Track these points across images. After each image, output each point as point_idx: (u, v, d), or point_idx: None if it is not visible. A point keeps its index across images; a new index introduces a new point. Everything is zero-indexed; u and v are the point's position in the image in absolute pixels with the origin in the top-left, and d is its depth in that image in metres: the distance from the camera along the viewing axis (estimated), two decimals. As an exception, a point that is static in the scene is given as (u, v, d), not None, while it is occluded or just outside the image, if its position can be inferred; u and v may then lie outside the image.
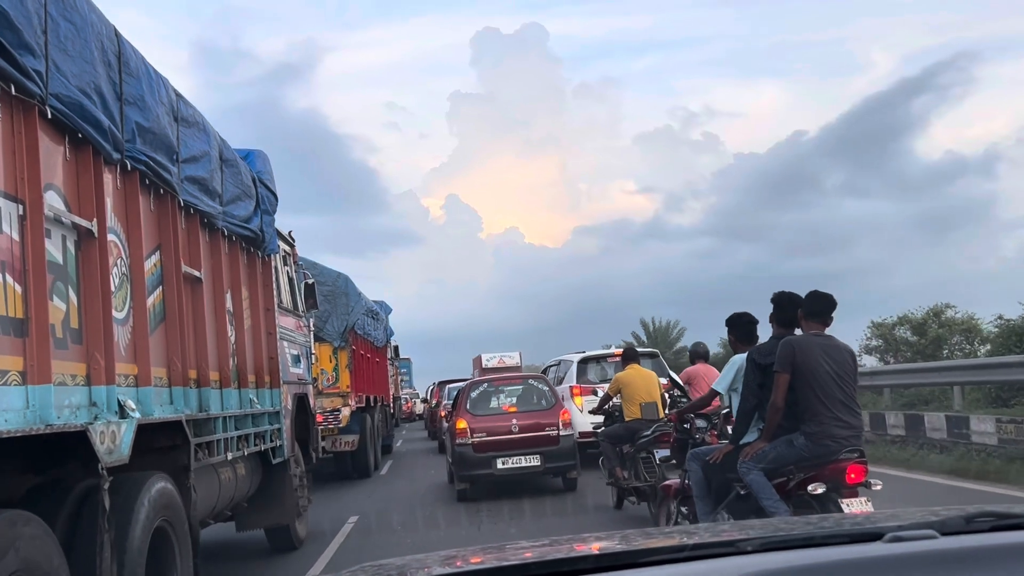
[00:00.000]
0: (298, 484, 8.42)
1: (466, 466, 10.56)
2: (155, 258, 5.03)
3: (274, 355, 7.74)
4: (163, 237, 5.15)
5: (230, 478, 6.54)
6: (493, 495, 10.80)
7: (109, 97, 4.25)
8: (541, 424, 10.66)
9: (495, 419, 10.85)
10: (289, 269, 9.06)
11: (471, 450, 10.54)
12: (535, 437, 10.53)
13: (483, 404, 11.27)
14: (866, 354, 21.36)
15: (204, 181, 5.79)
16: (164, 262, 5.14)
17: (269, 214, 7.57)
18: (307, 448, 9.13)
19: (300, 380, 8.81)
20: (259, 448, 6.93)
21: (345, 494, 12.17)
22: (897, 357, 20.41)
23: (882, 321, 21.63)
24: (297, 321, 9.11)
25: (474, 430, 10.62)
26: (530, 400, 11.27)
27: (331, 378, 12.87)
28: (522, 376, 13.03)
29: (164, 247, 5.15)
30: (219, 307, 6.23)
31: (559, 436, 10.58)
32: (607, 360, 13.97)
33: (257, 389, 7.18)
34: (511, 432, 10.57)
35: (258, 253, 7.44)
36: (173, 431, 5.07)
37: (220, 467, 6.27)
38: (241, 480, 6.89)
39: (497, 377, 13.18)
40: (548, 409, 10.94)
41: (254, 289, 7.31)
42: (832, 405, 4.91)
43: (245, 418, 6.65)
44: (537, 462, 10.47)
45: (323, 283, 12.43)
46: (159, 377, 4.93)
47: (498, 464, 10.45)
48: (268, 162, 7.82)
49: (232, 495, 6.67)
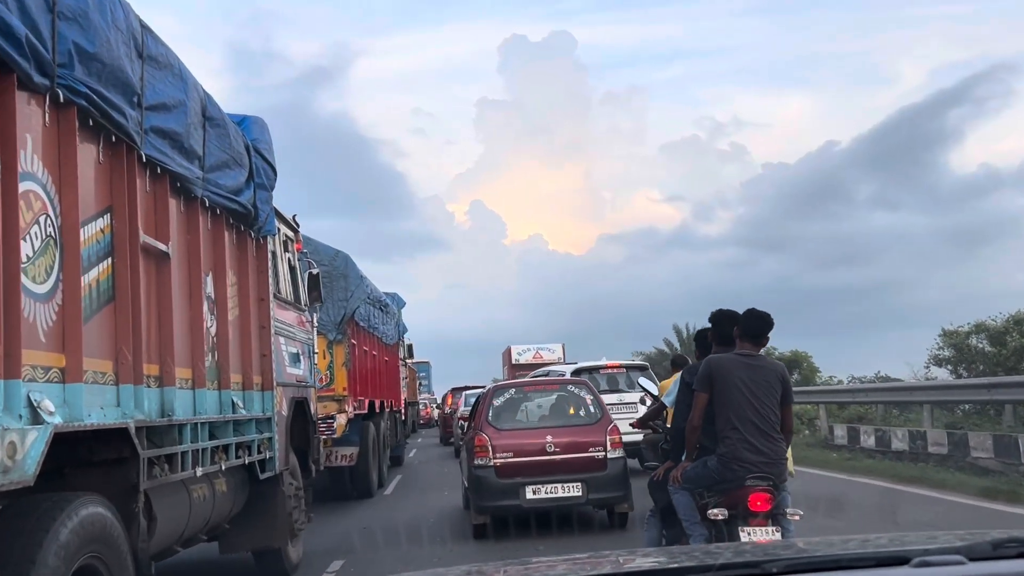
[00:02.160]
0: (293, 502, 7.36)
1: (486, 494, 8.31)
2: (102, 222, 4.00)
3: (267, 352, 6.70)
4: (116, 198, 4.11)
5: (205, 496, 5.49)
6: (520, 532, 8.37)
7: (31, 2, 3.22)
8: (584, 443, 8.40)
9: (524, 435, 8.61)
10: (291, 256, 8.02)
11: (493, 474, 8.26)
12: (576, 460, 8.30)
13: (509, 415, 8.95)
14: (935, 365, 19.89)
15: (177, 136, 4.76)
16: (116, 228, 4.10)
17: (265, 189, 6.54)
18: (306, 460, 8.07)
19: (299, 382, 7.76)
20: (242, 460, 5.88)
21: (336, 522, 10.07)
22: (971, 370, 18.86)
23: (955, 329, 19.87)
24: (299, 316, 8.06)
25: (497, 448, 8.35)
26: (569, 412, 8.97)
27: (324, 378, 11.05)
28: (559, 381, 10.39)
29: (117, 210, 4.11)
30: (195, 291, 5.19)
31: (606, 459, 8.32)
32: (599, 372, 13.51)
33: (244, 391, 6.14)
34: (545, 453, 8.32)
35: (250, 233, 6.41)
36: (121, 441, 4.03)
37: (193, 484, 5.23)
38: (221, 499, 5.84)
39: (527, 381, 10.90)
40: (593, 424, 8.64)
41: (244, 274, 6.28)
42: (744, 428, 4.75)
43: (225, 425, 5.61)
44: (578, 492, 8.21)
45: (318, 263, 10.63)
46: (101, 372, 3.89)
47: (527, 493, 8.19)
48: (267, 130, 6.79)
49: (208, 516, 5.62)
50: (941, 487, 9.96)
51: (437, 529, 9.30)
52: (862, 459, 12.75)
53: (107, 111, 3.86)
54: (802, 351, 29.45)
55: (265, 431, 6.52)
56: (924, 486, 9.92)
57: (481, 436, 8.55)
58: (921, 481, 10.11)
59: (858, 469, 11.93)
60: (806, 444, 15.90)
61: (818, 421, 18.24)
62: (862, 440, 14.07)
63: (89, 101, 3.70)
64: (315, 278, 8.47)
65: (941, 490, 9.79)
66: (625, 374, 13.96)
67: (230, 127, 5.79)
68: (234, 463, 5.74)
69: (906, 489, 9.98)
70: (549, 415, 9.10)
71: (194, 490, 5.30)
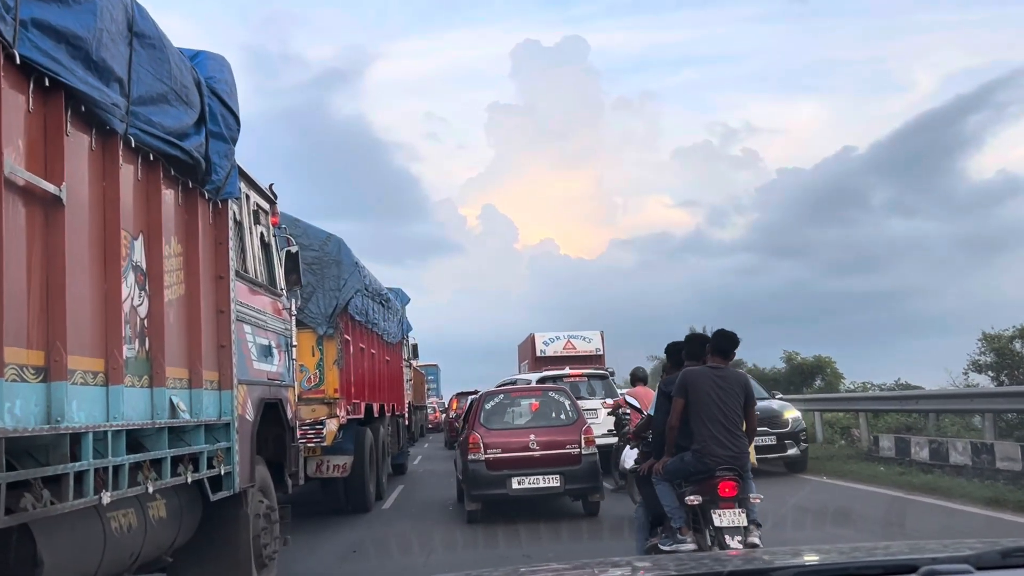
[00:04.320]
0: (262, 523, 6.10)
1: (478, 485, 9.66)
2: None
3: (227, 342, 5.43)
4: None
5: (132, 526, 4.22)
6: (510, 527, 9.10)
7: None
8: (561, 441, 9.76)
9: (511, 434, 9.96)
10: (264, 230, 6.76)
11: (484, 467, 9.64)
12: (555, 455, 9.65)
13: (498, 417, 10.30)
14: (974, 372, 18.65)
15: (76, 41, 3.49)
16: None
17: (224, 140, 5.27)
18: (282, 473, 6.80)
19: (271, 380, 6.49)
20: (183, 479, 4.60)
21: (324, 542, 8.86)
22: (1013, 376, 17.46)
23: (997, 333, 18.54)
24: (273, 301, 6.79)
25: (488, 445, 9.72)
26: (550, 414, 10.33)
27: (313, 378, 9.57)
28: (542, 388, 11.74)
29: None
30: (111, 256, 3.92)
31: (581, 455, 9.68)
32: (563, 381, 14.10)
33: (191, 390, 4.87)
34: (528, 449, 9.68)
35: (204, 193, 5.14)
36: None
37: (113, 510, 3.97)
38: (157, 527, 4.58)
39: (514, 388, 12.05)
40: (570, 425, 10.02)
41: (193, 244, 5.01)
42: (714, 428, 5.65)
43: (158, 433, 4.34)
44: (556, 483, 9.60)
45: (307, 247, 9.39)
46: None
47: (513, 484, 9.56)
48: (228, 69, 5.53)
49: (136, 551, 4.34)
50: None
51: (438, 551, 8.32)
52: (917, 474, 11.33)
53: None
54: (825, 356, 28.03)
55: (221, 440, 5.25)
56: (1010, 510, 8.50)
57: (474, 435, 9.85)
58: (1001, 503, 8.70)
59: (916, 486, 10.50)
60: (846, 456, 14.49)
61: (855, 430, 16.82)
62: (913, 452, 12.65)
63: None
64: (294, 257, 7.19)
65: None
66: (587, 382, 15.20)
67: (171, 52, 4.52)
68: (172, 482, 4.47)
69: (987, 513, 8.60)
70: (532, 417, 10.33)
71: (113, 519, 4.03)
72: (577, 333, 23.04)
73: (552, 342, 22.62)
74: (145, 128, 4.21)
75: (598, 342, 23.19)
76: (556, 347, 22.60)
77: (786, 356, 26.43)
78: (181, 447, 4.66)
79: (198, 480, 4.87)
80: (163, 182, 4.56)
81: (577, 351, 22.58)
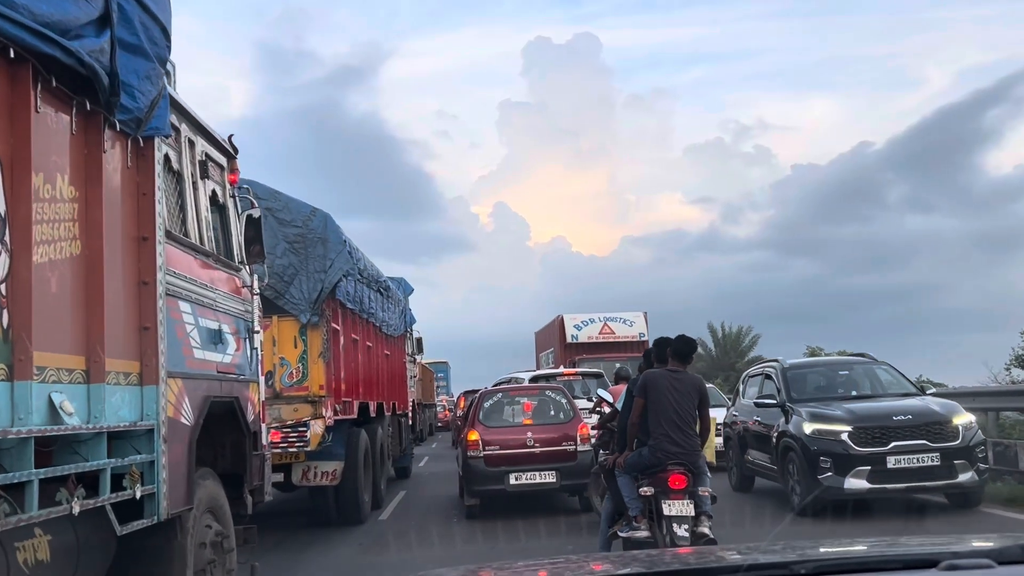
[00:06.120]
0: (209, 554, 4.82)
1: (477, 480, 9.89)
2: None
3: (151, 324, 4.14)
4: None
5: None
6: (509, 523, 9.19)
7: None
8: (558, 438, 10.04)
9: (509, 432, 10.20)
10: (218, 188, 5.46)
11: (483, 464, 9.88)
12: (551, 452, 9.92)
13: (496, 415, 10.58)
14: (1016, 367, 17.53)
15: None
16: None
17: (143, 56, 3.95)
18: (241, 489, 5.52)
19: (223, 374, 5.19)
20: (67, 509, 3.31)
21: (307, 564, 7.65)
22: None
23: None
24: (229, 277, 5.50)
25: (486, 442, 9.97)
26: (547, 412, 10.57)
27: (295, 373, 8.32)
28: (539, 387, 11.90)
29: None
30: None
31: (577, 451, 9.92)
32: (556, 379, 13.91)
33: (87, 384, 3.59)
34: (526, 446, 9.95)
35: (113, 122, 3.84)
36: None
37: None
38: (38, 571, 3.30)
39: (512, 387, 12.20)
40: (566, 422, 10.28)
41: (95, 187, 3.72)
42: (668, 426, 6.13)
43: (21, 445, 3.06)
44: (552, 478, 9.86)
45: (289, 223, 8.22)
46: None
47: (511, 479, 9.80)
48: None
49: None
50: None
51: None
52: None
53: None
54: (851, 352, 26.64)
55: (141, 451, 3.97)
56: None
57: (473, 432, 10.10)
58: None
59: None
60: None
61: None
62: None
63: None
64: (256, 223, 5.87)
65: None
66: (581, 381, 14.73)
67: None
68: (55, 511, 3.19)
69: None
70: (530, 415, 10.49)
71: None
72: (616, 315, 18.96)
73: (585, 325, 18.69)
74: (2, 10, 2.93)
75: (641, 325, 19.22)
76: (591, 331, 18.69)
77: (809, 352, 25.11)
78: (69, 464, 3.38)
79: (100, 506, 3.59)
80: (38, 93, 3.27)
81: (617, 336, 18.71)
